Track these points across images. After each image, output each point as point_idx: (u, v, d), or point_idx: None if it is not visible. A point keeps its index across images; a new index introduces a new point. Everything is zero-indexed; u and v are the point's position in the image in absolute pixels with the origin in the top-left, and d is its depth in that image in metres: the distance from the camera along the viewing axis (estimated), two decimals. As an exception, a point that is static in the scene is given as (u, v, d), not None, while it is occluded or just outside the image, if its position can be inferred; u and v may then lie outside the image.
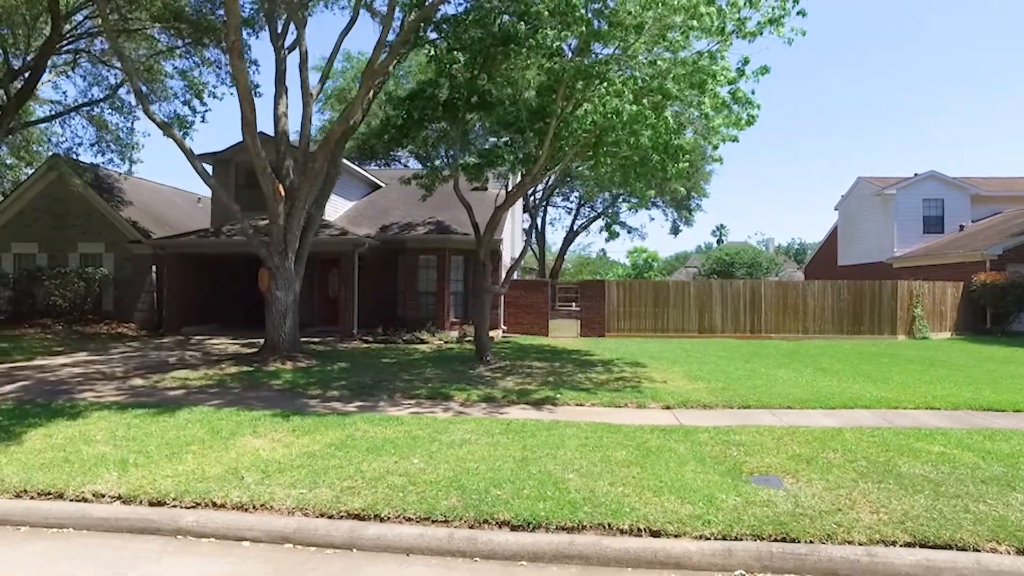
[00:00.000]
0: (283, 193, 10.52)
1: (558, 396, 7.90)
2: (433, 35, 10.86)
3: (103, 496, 4.29)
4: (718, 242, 73.31)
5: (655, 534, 3.72)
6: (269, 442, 5.48)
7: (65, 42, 12.63)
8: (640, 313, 17.60)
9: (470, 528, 3.83)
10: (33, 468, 4.73)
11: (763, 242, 54.18)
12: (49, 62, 13.09)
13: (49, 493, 4.35)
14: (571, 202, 39.31)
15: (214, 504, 4.13)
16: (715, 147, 10.47)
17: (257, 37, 14.52)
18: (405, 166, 33.26)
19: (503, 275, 17.87)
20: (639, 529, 3.76)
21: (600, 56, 9.02)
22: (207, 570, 3.50)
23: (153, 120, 10.15)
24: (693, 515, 3.86)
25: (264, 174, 10.06)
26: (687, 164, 10.68)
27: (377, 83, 11.46)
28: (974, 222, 22.37)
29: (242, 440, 5.53)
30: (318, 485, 4.35)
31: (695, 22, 7.52)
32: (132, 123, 17.25)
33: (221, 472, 4.61)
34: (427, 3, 9.57)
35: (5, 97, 12.89)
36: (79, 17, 12.53)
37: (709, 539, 3.64)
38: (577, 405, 7.61)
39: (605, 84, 8.56)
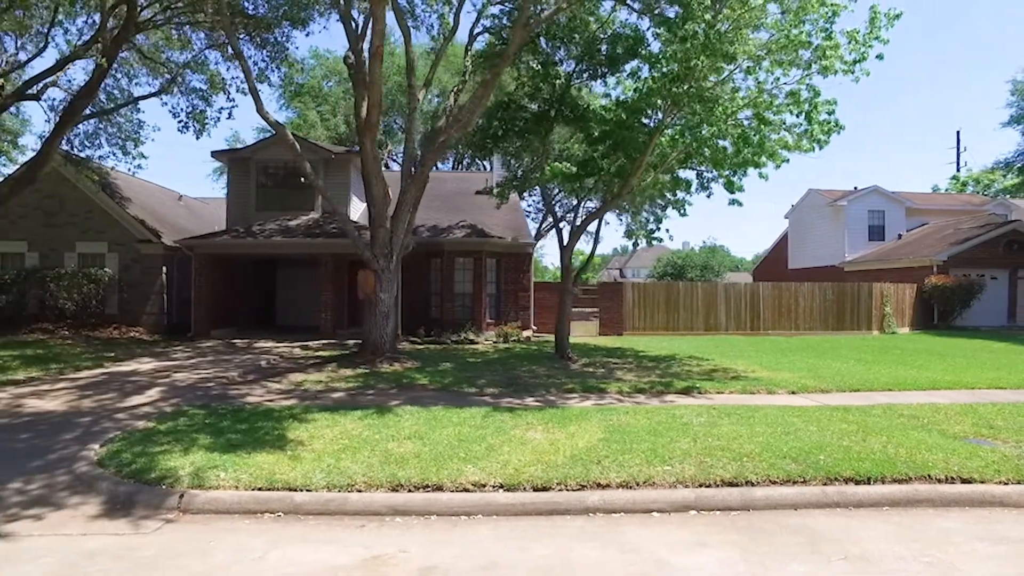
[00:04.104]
0: (391, 196, 10.66)
1: (698, 386, 8.87)
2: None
3: (483, 486, 4.67)
4: (634, 245, 78.62)
5: (966, 481, 4.78)
6: (546, 434, 5.96)
7: (137, 32, 11.79)
8: (653, 313, 19.01)
9: (824, 485, 4.70)
10: (380, 466, 4.96)
11: (711, 244, 58.48)
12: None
13: (427, 486, 4.66)
14: (531, 205, 40.71)
15: (599, 485, 4.68)
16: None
17: (308, 35, 14.23)
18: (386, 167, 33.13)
19: (532, 276, 18.62)
20: (951, 478, 4.80)
21: (709, 81, 10.06)
22: (676, 534, 4.07)
23: (267, 119, 9.90)
24: (981, 466, 4.96)
25: (378, 177, 10.17)
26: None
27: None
28: (908, 232, 26.06)
29: (523, 433, 5.97)
30: (668, 462, 5.01)
31: (826, 62, 8.81)
32: (138, 117, 16.20)
33: (564, 460, 5.09)
34: (542, 15, 10.17)
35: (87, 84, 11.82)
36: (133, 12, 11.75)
37: (1009, 483, 4.75)
38: (718, 393, 8.61)
39: (720, 108, 9.65)
